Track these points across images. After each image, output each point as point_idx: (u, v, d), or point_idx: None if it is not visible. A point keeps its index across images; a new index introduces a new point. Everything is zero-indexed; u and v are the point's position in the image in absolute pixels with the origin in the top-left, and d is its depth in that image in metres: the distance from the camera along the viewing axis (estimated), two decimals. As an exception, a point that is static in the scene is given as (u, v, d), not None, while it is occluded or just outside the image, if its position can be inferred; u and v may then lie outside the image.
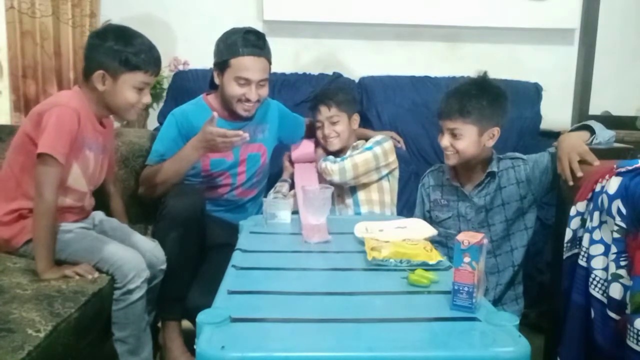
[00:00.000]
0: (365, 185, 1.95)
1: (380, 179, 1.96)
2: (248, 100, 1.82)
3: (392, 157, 1.99)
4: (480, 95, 1.62)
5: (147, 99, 1.61)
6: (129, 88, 1.55)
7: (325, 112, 1.97)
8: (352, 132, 2.03)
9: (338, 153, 2.01)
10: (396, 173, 2.04)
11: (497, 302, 1.67)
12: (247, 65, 1.78)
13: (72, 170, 1.53)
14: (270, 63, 1.86)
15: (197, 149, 1.72)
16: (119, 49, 1.53)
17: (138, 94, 1.57)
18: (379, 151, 1.92)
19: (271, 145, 2.03)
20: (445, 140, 1.66)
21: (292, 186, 2.05)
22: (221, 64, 1.82)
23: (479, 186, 1.68)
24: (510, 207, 1.65)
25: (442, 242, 1.70)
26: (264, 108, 1.98)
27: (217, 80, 1.86)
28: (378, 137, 2.00)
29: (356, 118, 2.04)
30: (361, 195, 1.95)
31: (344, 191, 1.96)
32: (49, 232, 1.43)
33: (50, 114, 1.45)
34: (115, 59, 1.52)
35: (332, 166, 1.88)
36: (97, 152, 1.62)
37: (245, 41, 1.78)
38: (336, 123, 1.97)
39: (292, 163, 2.08)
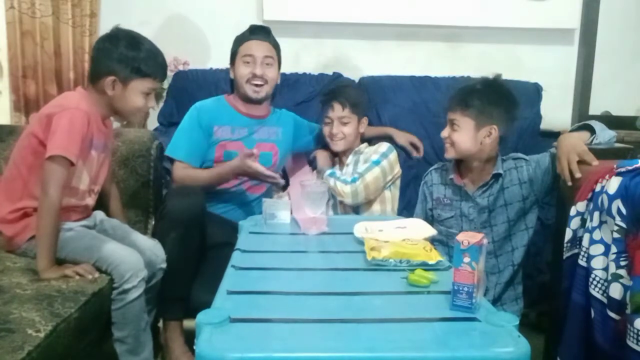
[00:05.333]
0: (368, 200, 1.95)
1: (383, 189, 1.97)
2: (255, 76, 1.91)
3: (397, 167, 2.01)
4: (484, 92, 1.64)
5: (152, 103, 1.65)
6: (137, 94, 1.59)
7: (338, 111, 1.97)
8: (358, 135, 2.03)
9: (340, 153, 2.01)
10: (398, 181, 2.04)
11: (496, 301, 1.68)
12: (251, 46, 1.92)
13: (79, 170, 1.55)
14: (276, 50, 1.97)
15: (234, 172, 1.84)
16: (132, 56, 1.55)
17: (145, 98, 1.61)
18: (386, 165, 1.94)
19: (283, 149, 2.05)
20: (445, 131, 1.69)
21: (283, 176, 2.07)
22: (232, 56, 1.96)
23: (483, 187, 1.68)
24: (513, 208, 1.65)
25: (443, 242, 1.71)
26: (278, 114, 2.07)
27: (232, 74, 1.98)
28: (383, 147, 1.99)
29: (364, 121, 2.05)
30: (363, 207, 1.96)
31: (345, 205, 1.96)
32: (52, 230, 1.44)
33: (61, 117, 1.46)
34: (127, 66, 1.55)
35: (343, 188, 1.87)
36: (99, 151, 1.63)
37: (251, 31, 1.95)
38: (346, 124, 1.98)
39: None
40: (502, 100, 1.65)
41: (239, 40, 1.95)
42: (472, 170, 1.71)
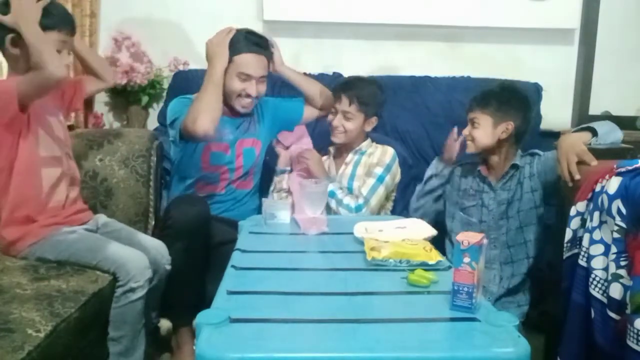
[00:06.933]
0: None
1: None
2: (248, 96, 1.87)
3: (398, 176, 2.01)
4: (502, 92, 1.77)
5: (68, 59, 1.60)
6: None
7: (344, 105, 1.94)
8: (362, 132, 2.01)
9: (341, 147, 2.01)
10: (396, 186, 2.04)
11: (511, 292, 1.73)
12: (249, 61, 1.85)
13: (40, 137, 1.54)
14: (268, 62, 1.92)
15: (209, 60, 1.82)
16: None
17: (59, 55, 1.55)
18: (389, 180, 1.94)
19: (265, 140, 2.04)
20: (466, 130, 1.79)
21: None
22: None
23: (503, 178, 1.76)
24: (524, 201, 1.72)
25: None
26: (258, 104, 2.02)
27: None
28: (388, 156, 1.97)
29: (373, 121, 2.00)
30: None
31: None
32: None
33: None
34: None
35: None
36: (55, 113, 1.63)
37: (248, 40, 1.85)
38: (349, 120, 1.95)
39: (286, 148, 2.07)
40: (517, 100, 1.77)
41: (235, 48, 1.83)
42: (494, 166, 1.80)
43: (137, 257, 1.48)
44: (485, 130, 1.74)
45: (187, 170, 1.95)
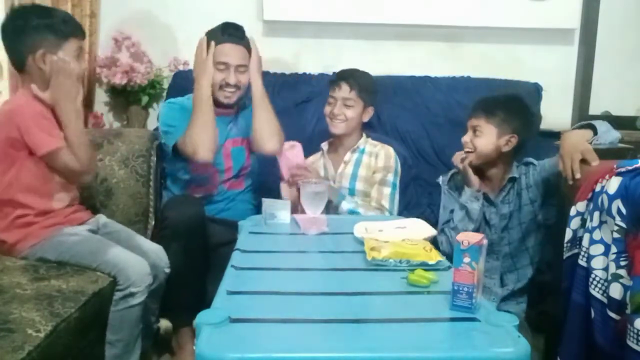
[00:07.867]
0: None
1: None
2: (228, 85, 1.87)
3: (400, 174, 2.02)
4: (509, 103, 1.74)
5: (84, 64, 1.60)
6: (70, 59, 1.53)
7: (345, 92, 1.94)
8: (359, 123, 2.01)
9: (336, 141, 2.01)
10: None
11: (514, 294, 1.74)
12: (226, 50, 1.86)
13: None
14: (249, 53, 1.91)
15: (196, 78, 1.83)
16: (49, 22, 1.49)
17: (77, 61, 1.56)
18: (398, 183, 1.96)
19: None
20: (466, 136, 1.74)
21: None
22: None
23: (502, 192, 1.73)
24: (525, 212, 1.71)
25: None
26: (242, 107, 2.01)
27: None
28: (392, 159, 1.99)
29: (370, 111, 2.01)
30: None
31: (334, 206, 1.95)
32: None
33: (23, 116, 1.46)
34: (50, 34, 1.49)
35: None
36: None
37: (224, 31, 1.87)
38: (350, 107, 1.95)
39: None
40: (524, 114, 1.75)
41: (213, 41, 1.86)
42: (491, 178, 1.76)
43: (138, 262, 1.48)
44: (488, 139, 1.69)
45: (179, 173, 1.95)
